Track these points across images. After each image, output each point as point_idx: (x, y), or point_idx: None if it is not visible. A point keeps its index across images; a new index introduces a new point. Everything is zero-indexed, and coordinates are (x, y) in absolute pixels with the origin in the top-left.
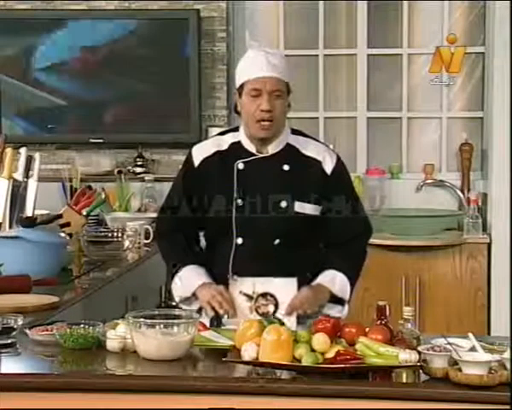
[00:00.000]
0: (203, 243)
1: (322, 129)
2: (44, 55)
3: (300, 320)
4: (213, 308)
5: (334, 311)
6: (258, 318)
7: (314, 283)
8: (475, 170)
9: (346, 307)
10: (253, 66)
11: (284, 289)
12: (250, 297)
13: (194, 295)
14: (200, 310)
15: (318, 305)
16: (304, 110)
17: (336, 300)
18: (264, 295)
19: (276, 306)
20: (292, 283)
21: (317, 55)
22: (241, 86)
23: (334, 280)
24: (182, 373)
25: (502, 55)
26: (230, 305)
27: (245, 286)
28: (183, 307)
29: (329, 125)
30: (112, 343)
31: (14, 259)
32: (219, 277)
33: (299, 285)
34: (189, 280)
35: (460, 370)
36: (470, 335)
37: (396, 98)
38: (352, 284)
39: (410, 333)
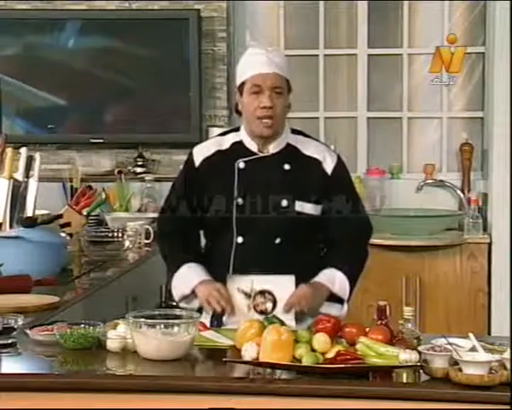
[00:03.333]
0: (204, 242)
1: (322, 129)
2: (44, 54)
3: (298, 318)
4: (211, 306)
5: (334, 310)
6: (256, 315)
7: (313, 280)
8: (475, 170)
9: (346, 306)
10: (253, 63)
11: (282, 286)
12: (248, 295)
13: (193, 292)
14: (200, 309)
15: (316, 303)
16: (304, 110)
17: (335, 298)
18: (262, 292)
19: (274, 303)
20: (290, 280)
21: (318, 55)
22: (242, 84)
23: (333, 279)
24: (182, 373)
25: (502, 55)
26: (228, 302)
27: (243, 283)
28: (183, 305)
29: (330, 125)
30: (112, 343)
31: (14, 259)
32: (220, 276)
33: (299, 283)
34: (189, 278)
35: (460, 370)
36: (470, 335)
37: (396, 98)
38: (352, 284)
39: (411, 333)
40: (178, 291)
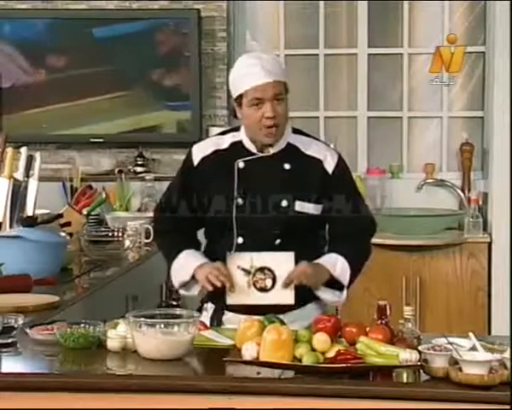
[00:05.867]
0: (202, 242)
1: (322, 128)
2: (44, 54)
3: (299, 297)
4: (211, 283)
5: (333, 296)
6: (256, 292)
7: (315, 262)
8: (476, 169)
9: (345, 292)
10: (248, 75)
11: (282, 263)
12: (248, 272)
13: (193, 278)
14: (200, 309)
15: (316, 281)
16: (304, 110)
17: (336, 285)
18: (261, 269)
19: (274, 280)
20: (290, 257)
21: (318, 55)
22: (240, 96)
23: (335, 263)
24: (182, 373)
25: (502, 55)
26: (228, 278)
27: (243, 261)
28: (183, 292)
29: (330, 124)
30: (112, 343)
31: (14, 258)
32: None
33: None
34: (187, 264)
35: (460, 369)
36: (471, 334)
37: (396, 98)
38: (354, 272)
39: (411, 333)
40: (178, 278)
